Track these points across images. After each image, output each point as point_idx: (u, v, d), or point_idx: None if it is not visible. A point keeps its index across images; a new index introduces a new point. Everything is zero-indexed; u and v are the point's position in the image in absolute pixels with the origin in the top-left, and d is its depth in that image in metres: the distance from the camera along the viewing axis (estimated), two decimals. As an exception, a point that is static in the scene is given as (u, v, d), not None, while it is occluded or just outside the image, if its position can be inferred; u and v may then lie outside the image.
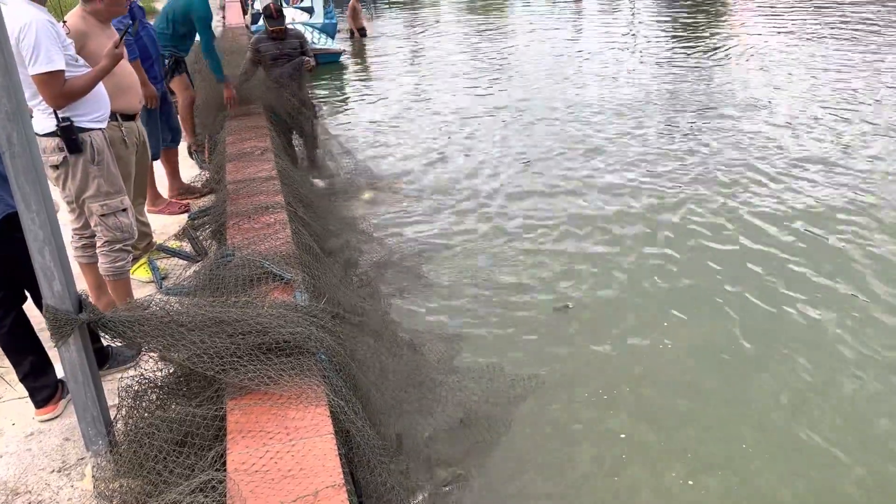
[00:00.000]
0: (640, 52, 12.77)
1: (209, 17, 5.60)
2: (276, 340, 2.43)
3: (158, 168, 5.30)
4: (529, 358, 4.21)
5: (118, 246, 3.37)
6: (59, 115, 3.08)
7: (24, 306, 2.88)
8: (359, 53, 14.50)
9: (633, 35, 14.65)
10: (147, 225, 4.30)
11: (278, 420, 2.22)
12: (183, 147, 6.01)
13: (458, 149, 8.11)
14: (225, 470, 2.03)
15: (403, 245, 5.65)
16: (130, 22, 4.42)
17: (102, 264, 3.40)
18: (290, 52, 6.16)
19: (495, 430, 3.56)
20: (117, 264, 3.40)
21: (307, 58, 6.22)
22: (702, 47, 12.71)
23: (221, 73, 5.90)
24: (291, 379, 2.35)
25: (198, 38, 5.79)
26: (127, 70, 3.75)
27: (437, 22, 18.11)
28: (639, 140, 8.00)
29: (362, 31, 15.59)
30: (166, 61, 5.59)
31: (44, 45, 2.91)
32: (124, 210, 3.36)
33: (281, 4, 6.31)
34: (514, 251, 5.58)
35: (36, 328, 2.89)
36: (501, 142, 8.25)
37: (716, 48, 12.64)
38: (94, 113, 3.23)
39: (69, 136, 3.11)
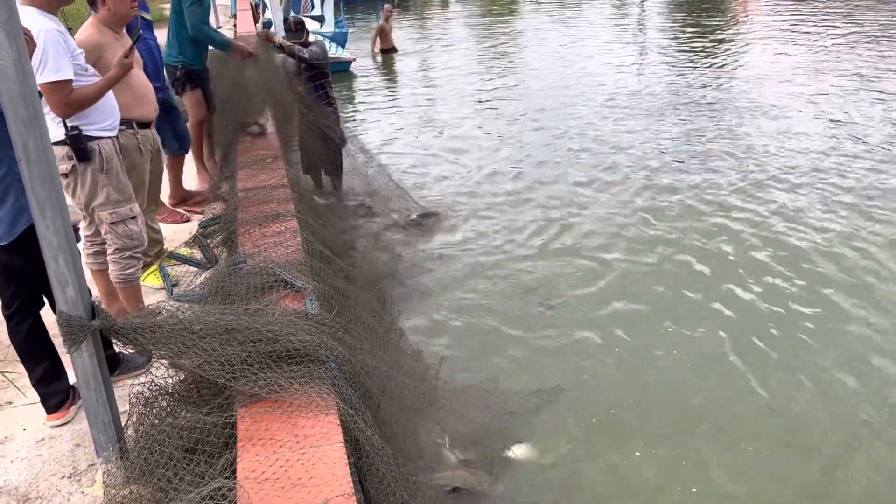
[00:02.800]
0: (647, 54, 12.79)
1: None
2: (287, 348, 2.43)
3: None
4: (541, 369, 4.20)
5: (128, 253, 3.38)
6: (68, 124, 3.09)
7: (41, 312, 2.90)
8: (377, 67, 14.09)
9: (642, 31, 14.77)
10: (158, 232, 4.32)
11: (288, 428, 2.22)
12: (189, 157, 5.94)
13: (468, 159, 8.13)
14: (235, 478, 2.03)
15: (410, 254, 5.65)
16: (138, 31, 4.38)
17: (113, 271, 3.42)
18: (310, 66, 6.00)
19: (509, 441, 3.55)
20: (127, 271, 3.41)
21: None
22: (713, 47, 12.71)
23: (225, 43, 5.50)
24: (302, 387, 2.35)
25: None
26: (142, 79, 3.78)
27: (448, 22, 18.22)
28: (649, 146, 8.00)
29: (392, 50, 14.68)
30: (177, 72, 5.40)
31: (52, 54, 2.92)
32: (133, 218, 3.37)
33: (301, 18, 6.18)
34: (523, 262, 5.57)
35: (51, 333, 2.90)
36: (506, 151, 8.27)
37: (729, 47, 12.64)
38: (103, 122, 3.23)
39: (77, 144, 3.12)
